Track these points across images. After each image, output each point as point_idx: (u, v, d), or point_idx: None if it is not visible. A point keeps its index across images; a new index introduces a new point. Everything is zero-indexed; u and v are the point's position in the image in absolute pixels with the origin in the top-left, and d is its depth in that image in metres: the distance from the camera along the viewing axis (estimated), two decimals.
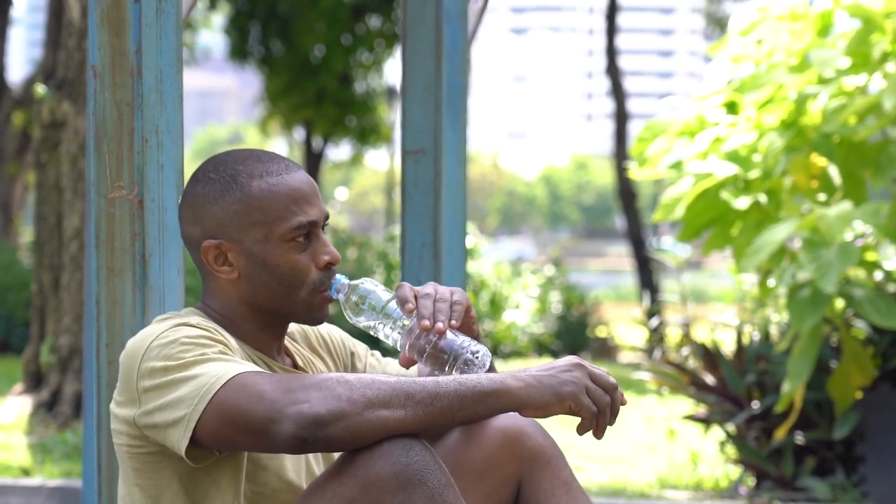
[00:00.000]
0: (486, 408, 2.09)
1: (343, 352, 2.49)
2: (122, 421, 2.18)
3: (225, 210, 2.25)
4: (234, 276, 2.26)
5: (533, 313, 13.81)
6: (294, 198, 2.25)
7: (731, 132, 5.28)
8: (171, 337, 2.14)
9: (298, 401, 2.02)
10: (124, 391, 2.17)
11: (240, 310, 2.29)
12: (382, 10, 18.20)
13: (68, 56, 7.69)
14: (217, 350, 2.14)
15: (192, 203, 2.29)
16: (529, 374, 2.12)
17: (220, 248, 2.26)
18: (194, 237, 2.29)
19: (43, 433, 7.13)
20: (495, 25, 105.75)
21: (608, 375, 2.16)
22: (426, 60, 3.65)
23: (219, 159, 2.30)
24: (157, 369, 2.11)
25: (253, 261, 2.25)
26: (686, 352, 6.18)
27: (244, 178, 2.25)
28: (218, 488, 2.19)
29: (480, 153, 71.89)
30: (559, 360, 2.16)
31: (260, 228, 2.24)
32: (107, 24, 2.55)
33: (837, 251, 4.77)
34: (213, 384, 2.07)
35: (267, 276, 2.25)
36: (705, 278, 24.31)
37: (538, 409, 2.10)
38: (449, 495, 2.07)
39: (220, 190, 2.26)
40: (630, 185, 15.83)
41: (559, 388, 2.11)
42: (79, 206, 7.65)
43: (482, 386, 2.08)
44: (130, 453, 2.19)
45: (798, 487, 5.46)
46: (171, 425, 2.09)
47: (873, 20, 5.06)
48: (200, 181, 2.28)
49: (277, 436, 2.03)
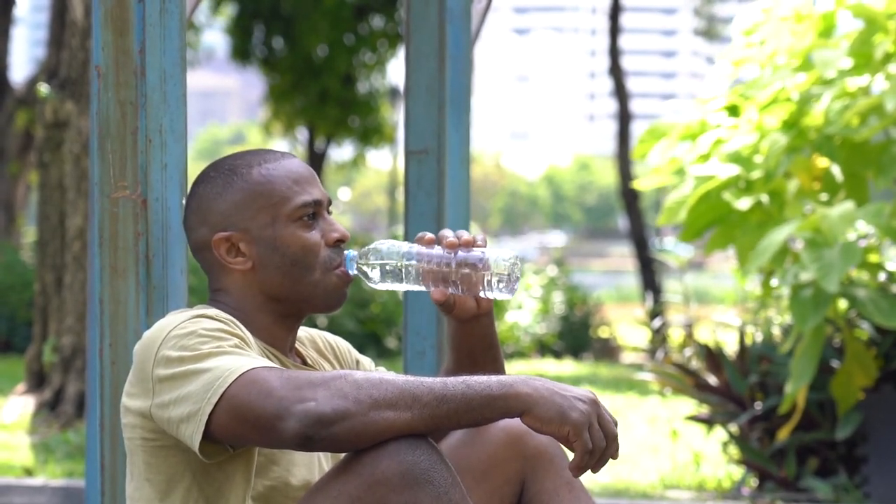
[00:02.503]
0: (494, 411, 2.06)
1: (349, 359, 2.50)
2: (136, 413, 2.18)
3: (229, 201, 2.28)
4: (248, 265, 2.28)
5: (535, 314, 13.81)
6: (294, 178, 2.30)
7: (733, 134, 5.29)
8: (189, 328, 2.15)
9: (305, 398, 2.03)
10: (138, 382, 2.17)
11: (255, 301, 2.30)
12: (385, 11, 18.20)
13: (71, 55, 7.70)
14: (233, 343, 2.15)
15: (196, 206, 2.31)
16: (543, 385, 2.08)
17: (231, 239, 2.28)
18: (203, 238, 2.30)
19: (46, 433, 7.14)
20: (498, 26, 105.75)
21: (614, 425, 2.11)
22: (429, 61, 3.65)
23: (216, 161, 2.36)
24: (174, 359, 2.12)
25: (264, 246, 2.28)
26: (689, 352, 6.18)
27: (244, 169, 2.29)
28: (231, 483, 2.19)
29: (483, 153, 71.91)
30: (577, 388, 2.11)
31: (266, 212, 2.27)
32: (110, 23, 2.55)
33: (840, 251, 4.77)
34: (225, 378, 2.08)
35: (279, 259, 2.27)
36: (708, 279, 24.29)
37: (538, 421, 2.06)
38: (455, 494, 2.06)
39: (221, 184, 2.29)
40: (632, 186, 15.83)
41: (567, 411, 2.06)
42: (81, 206, 7.65)
43: (490, 389, 2.06)
44: (144, 447, 2.19)
45: (801, 488, 5.46)
46: (184, 420, 2.10)
47: (876, 21, 5.06)
48: (201, 183, 2.32)
49: (283, 432, 2.03)
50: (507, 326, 13.32)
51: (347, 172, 27.85)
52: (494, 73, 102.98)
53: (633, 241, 15.92)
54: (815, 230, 4.85)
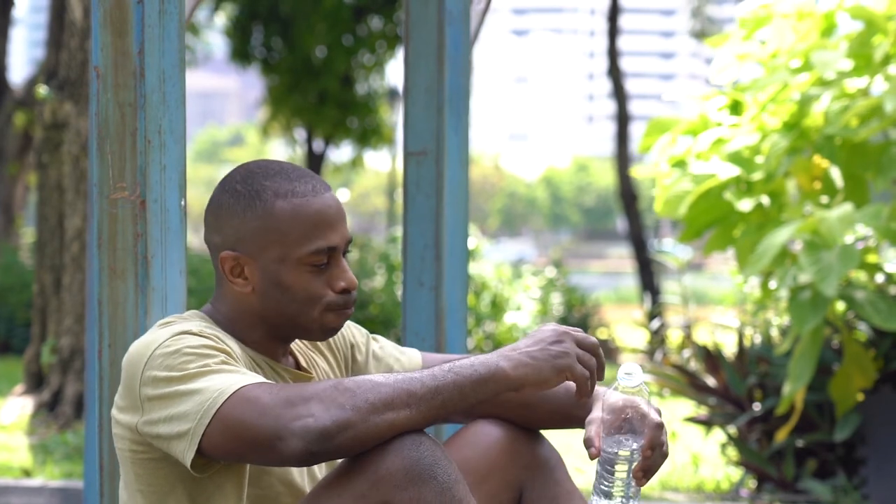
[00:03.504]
0: (486, 392, 2.10)
1: (343, 345, 2.48)
2: (124, 427, 2.17)
3: (245, 225, 2.24)
4: (248, 289, 2.26)
5: (534, 315, 13.81)
6: (316, 222, 2.23)
7: (734, 133, 5.29)
8: (173, 347, 2.13)
9: (301, 415, 2.02)
10: (126, 397, 2.16)
11: (249, 320, 2.29)
12: (384, 12, 18.19)
13: (70, 56, 7.69)
14: (220, 360, 2.13)
15: (216, 211, 2.29)
16: (521, 353, 2.12)
17: (238, 260, 2.26)
18: (214, 244, 2.29)
19: (44, 434, 7.13)
20: (497, 27, 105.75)
21: (589, 336, 2.17)
22: (428, 62, 3.65)
23: (249, 170, 2.28)
24: (161, 379, 2.11)
25: (268, 279, 2.25)
26: (687, 354, 6.18)
27: (269, 196, 2.23)
28: (222, 493, 2.19)
29: (482, 154, 71.87)
30: (544, 332, 2.15)
31: (278, 248, 2.23)
32: (110, 24, 2.55)
33: (838, 254, 4.77)
34: (216, 399, 2.07)
35: (279, 295, 2.25)
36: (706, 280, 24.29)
37: (537, 386, 2.11)
38: (458, 490, 2.07)
39: (243, 204, 2.24)
40: (631, 187, 15.83)
41: (555, 363, 2.12)
42: (80, 207, 7.65)
43: (478, 373, 2.09)
44: (133, 459, 2.19)
45: (799, 490, 5.46)
46: (176, 438, 2.09)
47: (875, 22, 5.06)
48: (227, 191, 2.27)
49: (285, 451, 2.03)
50: (506, 327, 13.32)
51: (346, 173, 27.84)
52: (493, 75, 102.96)
53: (632, 242, 15.92)
54: (814, 232, 4.85)
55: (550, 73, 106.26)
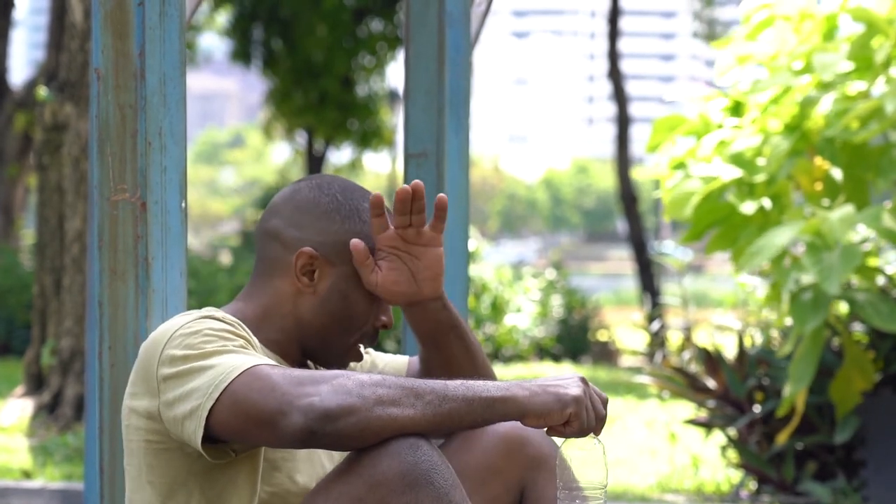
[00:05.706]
0: (493, 414, 2.09)
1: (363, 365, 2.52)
2: (140, 414, 2.17)
3: (340, 235, 2.31)
4: (310, 291, 2.31)
5: (534, 317, 13.81)
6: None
7: (736, 135, 5.29)
8: (195, 327, 2.15)
9: (309, 394, 2.03)
10: (141, 381, 2.17)
11: (280, 323, 2.31)
12: (384, 13, 18.21)
13: (70, 58, 7.70)
14: (238, 343, 2.15)
15: (306, 208, 2.32)
16: (536, 384, 2.13)
17: (314, 262, 2.30)
18: (286, 237, 2.31)
19: (44, 435, 7.13)
20: (497, 29, 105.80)
21: (603, 393, 2.18)
22: (429, 63, 3.65)
23: (347, 186, 2.36)
24: (178, 357, 2.12)
25: (337, 288, 2.31)
26: (687, 356, 6.18)
27: (367, 217, 2.32)
28: (234, 487, 2.19)
29: (482, 156, 71.93)
30: (566, 375, 2.17)
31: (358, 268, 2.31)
32: (110, 26, 2.55)
33: (840, 254, 4.77)
34: (227, 374, 2.08)
35: (338, 306, 2.31)
36: (707, 282, 24.32)
37: (540, 418, 2.10)
38: (455, 496, 2.07)
39: (343, 215, 2.31)
40: (631, 189, 15.84)
41: (563, 395, 2.11)
42: (80, 209, 7.65)
43: (490, 392, 2.09)
44: (147, 449, 2.19)
45: (799, 492, 5.46)
46: (187, 416, 2.10)
47: (876, 24, 5.06)
48: (326, 194, 2.33)
49: (286, 428, 2.02)
50: (506, 329, 13.32)
51: (346, 175, 27.87)
52: (493, 77, 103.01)
53: (632, 244, 15.92)
54: (816, 233, 4.85)
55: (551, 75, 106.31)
